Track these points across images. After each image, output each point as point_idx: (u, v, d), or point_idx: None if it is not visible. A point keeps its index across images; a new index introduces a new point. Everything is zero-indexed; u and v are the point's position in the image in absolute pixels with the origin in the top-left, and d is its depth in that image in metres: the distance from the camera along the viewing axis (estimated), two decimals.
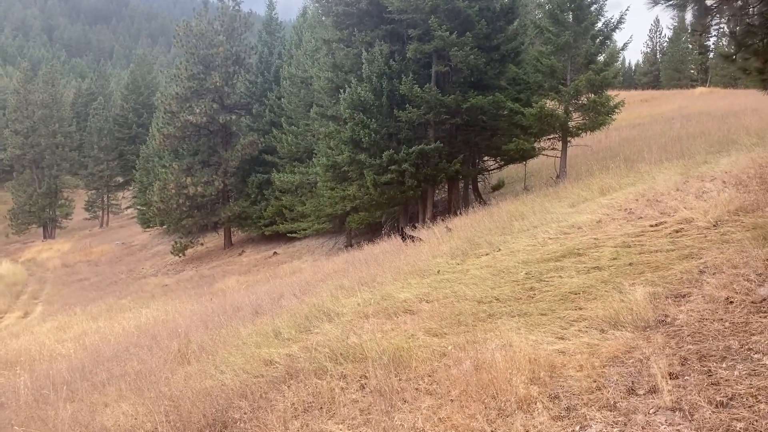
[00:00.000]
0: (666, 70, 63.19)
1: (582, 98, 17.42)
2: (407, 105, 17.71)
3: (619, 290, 5.63)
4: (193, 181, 35.17)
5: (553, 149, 19.11)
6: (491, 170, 22.54)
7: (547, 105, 17.14)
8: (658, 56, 71.87)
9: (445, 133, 18.82)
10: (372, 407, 4.45)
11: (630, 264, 6.57)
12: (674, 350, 3.97)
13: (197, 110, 34.93)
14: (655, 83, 61.08)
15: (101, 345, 12.75)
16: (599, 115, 16.86)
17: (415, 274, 9.61)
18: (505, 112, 17.70)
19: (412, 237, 13.64)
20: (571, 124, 17.21)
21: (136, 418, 5.81)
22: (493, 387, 4.01)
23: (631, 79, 70.59)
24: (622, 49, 18.63)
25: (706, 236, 6.94)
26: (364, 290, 9.40)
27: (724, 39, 59.93)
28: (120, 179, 59.66)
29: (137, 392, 6.82)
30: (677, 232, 7.58)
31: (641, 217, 8.99)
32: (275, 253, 31.38)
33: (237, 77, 36.11)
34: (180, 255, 36.17)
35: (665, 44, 70.67)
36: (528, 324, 5.35)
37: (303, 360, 6.12)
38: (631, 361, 4.01)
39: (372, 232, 25.92)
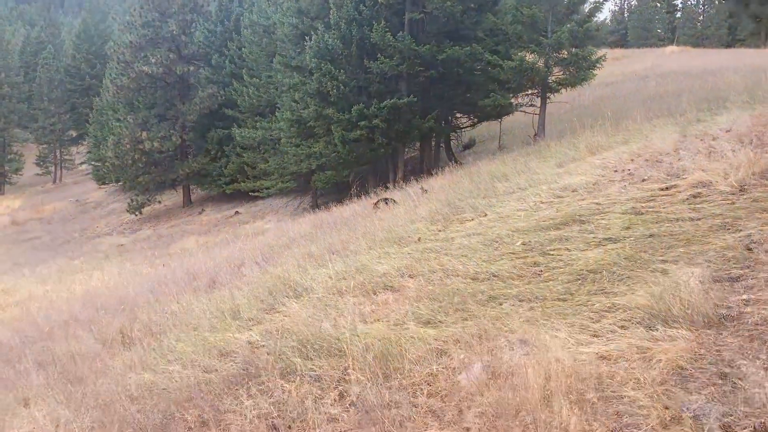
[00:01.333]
0: (634, 29, 62.41)
1: (563, 52, 16.29)
2: (379, 55, 16.32)
3: (650, 269, 4.63)
4: (149, 135, 33.26)
5: (531, 105, 18.04)
6: (464, 128, 21.40)
7: (527, 58, 15.97)
8: (625, 15, 71.10)
9: (418, 87, 17.53)
10: None
11: (651, 236, 5.57)
12: (764, 361, 2.96)
13: (153, 60, 32.75)
14: (622, 42, 60.31)
15: (40, 317, 11.38)
16: (580, 70, 15.79)
17: (393, 242, 8.51)
18: (482, 65, 16.48)
19: (386, 199, 12.50)
20: (551, 78, 16.11)
21: (57, 426, 4.64)
22: (526, 411, 2.95)
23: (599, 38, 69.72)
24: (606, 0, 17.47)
25: (733, 203, 5.98)
26: (335, 260, 8.27)
27: None
28: (73, 133, 56.55)
29: (64, 386, 5.61)
30: (695, 197, 6.61)
31: (645, 179, 8.02)
32: (237, 212, 29.92)
33: (195, 26, 33.84)
34: (137, 213, 34.38)
35: (633, 3, 69.83)
36: (545, 313, 4.30)
37: (266, 352, 4.99)
38: (706, 375, 2.99)
39: (339, 192, 24.67)
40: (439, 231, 8.61)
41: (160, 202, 35.16)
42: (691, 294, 3.75)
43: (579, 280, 4.89)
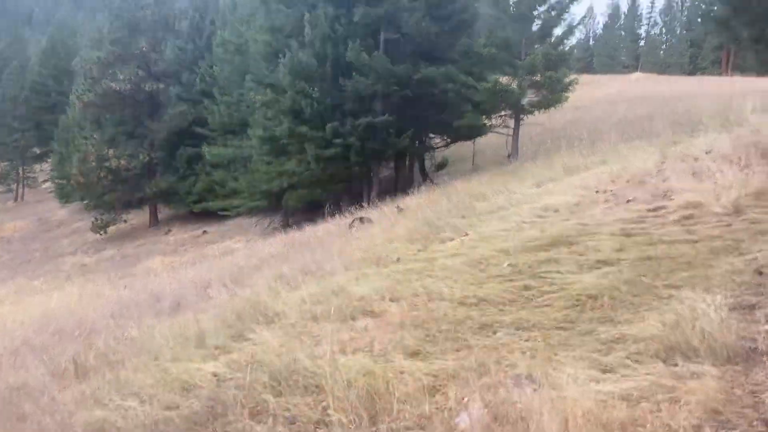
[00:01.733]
0: (599, 56, 63.73)
1: (537, 74, 16.18)
2: (354, 74, 15.96)
3: (655, 295, 4.26)
4: (115, 153, 32.35)
5: (505, 127, 17.87)
6: (438, 148, 21.14)
7: (501, 80, 15.80)
8: (591, 42, 72.66)
9: (393, 107, 17.21)
10: None
11: (648, 258, 5.22)
12: None
13: (121, 77, 32.00)
14: (588, 68, 61.36)
15: None
16: (554, 93, 15.67)
17: (371, 263, 8.03)
18: (457, 86, 16.25)
19: (361, 218, 12.04)
20: (524, 101, 15.96)
21: None
22: None
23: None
24: (579, 23, 17.49)
25: (730, 225, 5.68)
26: (309, 282, 7.76)
27: (654, 28, 60.95)
28: (37, 150, 54.80)
29: (4, 425, 4.96)
30: (687, 218, 6.31)
31: (630, 200, 7.72)
32: (205, 231, 29.11)
33: (165, 43, 33.21)
34: (101, 233, 33.23)
35: (599, 31, 71.39)
36: (547, 343, 3.87)
37: (234, 386, 4.44)
38: (747, 422, 2.58)
39: (311, 211, 24.11)
40: (419, 251, 8.16)
41: (125, 221, 34.09)
42: (711, 324, 3.36)
43: (577, 305, 4.49)
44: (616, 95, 30.12)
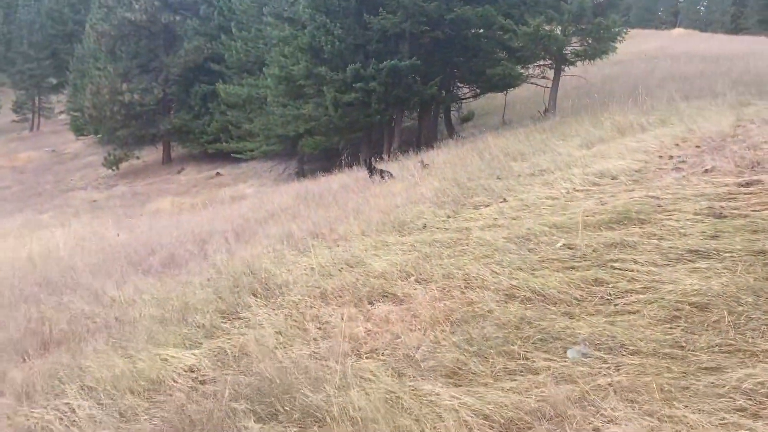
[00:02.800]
0: (637, 10, 60.31)
1: (583, 20, 14.46)
2: (380, 10, 14.35)
3: None
4: (129, 87, 30.96)
5: (543, 78, 16.26)
6: (465, 99, 19.54)
7: (543, 25, 14.13)
8: None
9: (421, 50, 15.62)
10: None
11: (763, 253, 3.93)
12: None
13: (136, 6, 30.28)
14: (624, 22, 58.06)
15: None
16: (601, 42, 14.00)
17: (392, 228, 6.83)
18: (494, 30, 14.59)
19: (381, 172, 10.76)
20: (568, 49, 14.33)
21: None
22: None
23: None
24: None
25: None
26: (319, 247, 6.59)
27: None
28: (53, 80, 53.45)
29: None
30: None
31: (709, 170, 6.37)
32: (218, 173, 28.01)
33: None
34: (113, 168, 32.27)
35: None
36: (656, 387, 2.64)
37: (210, 396, 3.32)
38: None
39: (327, 159, 22.84)
40: (449, 217, 6.93)
41: (138, 158, 33.03)
42: None
43: (679, 318, 3.26)
44: (658, 51, 28.02)
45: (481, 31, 15.63)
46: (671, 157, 7.38)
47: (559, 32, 13.89)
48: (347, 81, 14.66)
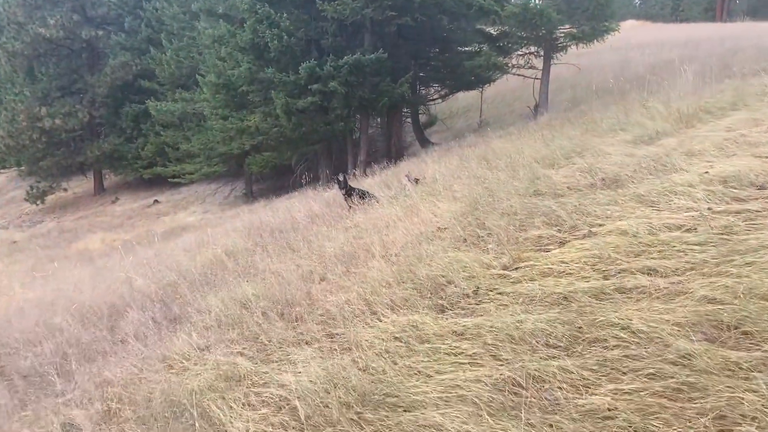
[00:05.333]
0: None
1: None
2: None
3: None
4: (49, 112, 27.03)
5: (531, 68, 13.68)
6: (433, 100, 16.75)
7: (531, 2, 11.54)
8: None
9: (386, 41, 12.76)
10: None
11: None
12: None
13: (51, 21, 26.42)
14: None
15: None
16: (600, 22, 11.52)
17: (418, 294, 3.93)
18: (473, 11, 11.86)
19: (362, 193, 7.80)
20: (562, 31, 11.78)
21: None
22: None
23: None
24: None
25: None
26: (299, 345, 3.60)
27: None
28: None
29: None
30: None
31: None
32: (156, 201, 24.49)
33: None
34: (38, 203, 28.20)
35: None
36: None
37: None
38: None
39: (279, 177, 19.76)
40: (507, 269, 4.06)
41: (65, 189, 29.00)
42: None
43: None
44: (620, 41, 26.07)
45: (462, 11, 12.85)
46: None
47: (552, 10, 11.25)
48: (300, 83, 11.65)
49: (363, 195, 7.75)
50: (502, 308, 3.48)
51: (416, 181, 8.21)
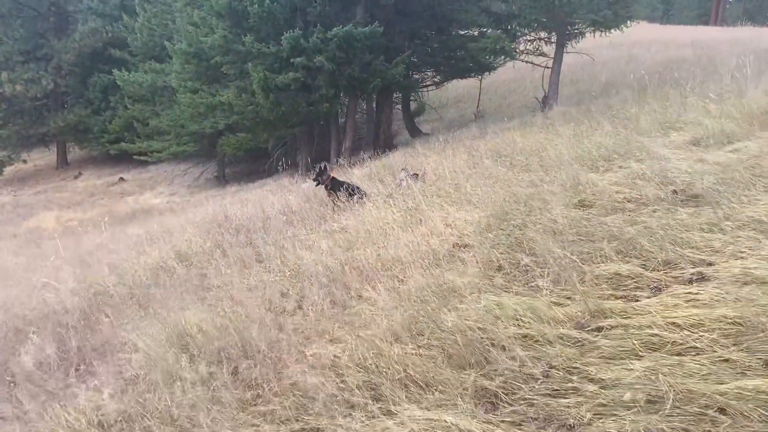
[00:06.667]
0: None
1: None
2: None
3: None
4: (11, 77, 24.73)
5: (539, 54, 12.22)
6: (426, 86, 15.15)
7: None
8: None
9: (380, 15, 11.15)
10: None
11: None
12: None
13: None
14: None
15: None
16: (623, 8, 10.11)
17: (442, 356, 2.43)
18: None
19: (350, 189, 6.24)
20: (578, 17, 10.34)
21: None
22: None
23: None
24: None
25: None
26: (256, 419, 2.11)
27: None
28: None
29: None
30: None
31: None
32: (121, 179, 22.55)
33: None
34: None
35: None
36: None
37: None
38: None
39: (254, 161, 18.10)
40: (584, 328, 2.58)
41: (25, 161, 26.76)
42: None
43: None
44: (618, 38, 24.84)
45: None
46: None
47: None
48: (282, 55, 10.00)
49: (352, 191, 6.20)
50: (602, 418, 2.00)
51: (415, 176, 6.69)
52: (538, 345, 2.52)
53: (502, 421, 2.10)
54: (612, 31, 10.98)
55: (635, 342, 2.39)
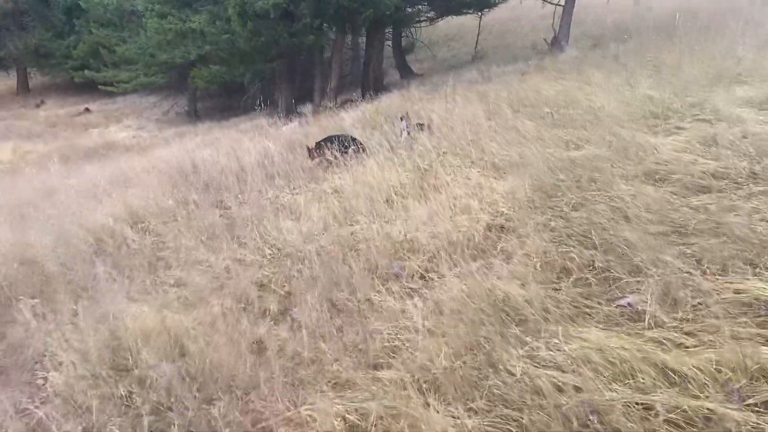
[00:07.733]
0: None
1: None
2: None
3: None
4: None
5: None
6: (419, 22, 13.63)
7: None
8: None
9: None
10: None
11: None
12: None
13: None
14: None
15: None
16: None
17: None
18: None
19: (347, 141, 5.07)
20: None
21: None
22: None
23: None
24: None
25: None
26: None
27: None
28: None
29: None
30: None
31: None
32: (86, 109, 20.67)
33: None
34: None
35: None
36: None
37: None
38: None
39: (229, 96, 16.51)
40: (747, 405, 1.60)
41: None
42: None
43: None
44: None
45: None
46: None
47: None
48: None
49: (346, 144, 5.04)
50: None
51: (420, 127, 5.53)
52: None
53: None
54: None
55: None
